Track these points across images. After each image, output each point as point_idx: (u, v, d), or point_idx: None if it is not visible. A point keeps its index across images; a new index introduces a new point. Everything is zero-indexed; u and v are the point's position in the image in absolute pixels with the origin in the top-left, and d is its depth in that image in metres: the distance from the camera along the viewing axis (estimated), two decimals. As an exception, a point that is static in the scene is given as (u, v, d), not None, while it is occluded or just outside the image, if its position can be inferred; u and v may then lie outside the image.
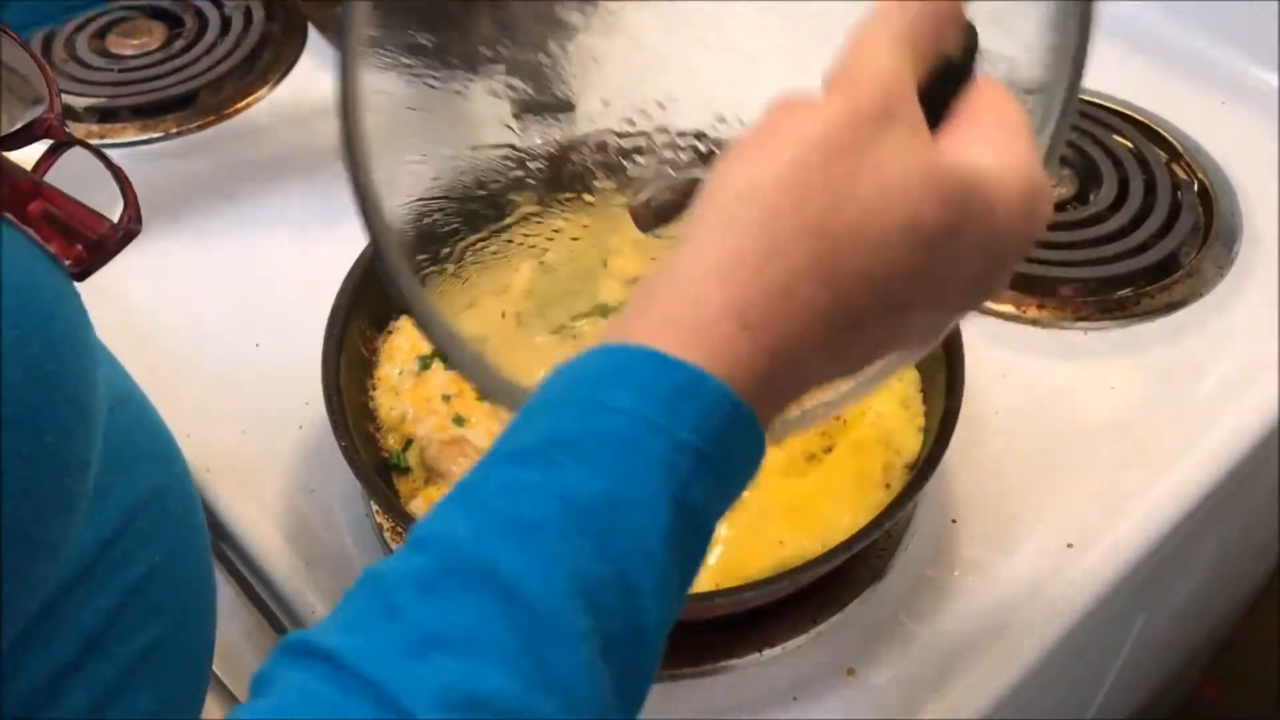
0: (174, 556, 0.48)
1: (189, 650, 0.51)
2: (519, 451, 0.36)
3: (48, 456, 0.39)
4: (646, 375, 0.36)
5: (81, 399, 0.41)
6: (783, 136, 0.38)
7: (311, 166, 0.90)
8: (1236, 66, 0.94)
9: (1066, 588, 0.65)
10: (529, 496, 0.35)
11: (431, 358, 0.70)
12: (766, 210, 0.37)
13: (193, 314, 0.79)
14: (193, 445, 0.70)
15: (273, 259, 0.83)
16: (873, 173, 0.37)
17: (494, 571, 0.33)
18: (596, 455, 0.35)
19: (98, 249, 0.45)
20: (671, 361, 0.36)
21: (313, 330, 0.67)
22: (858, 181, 0.37)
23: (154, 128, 0.93)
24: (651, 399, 0.35)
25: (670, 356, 0.36)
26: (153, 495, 0.48)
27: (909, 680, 0.61)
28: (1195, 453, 0.71)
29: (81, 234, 0.45)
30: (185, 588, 0.50)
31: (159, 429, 0.52)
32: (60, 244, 0.44)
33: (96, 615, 0.45)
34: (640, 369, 0.36)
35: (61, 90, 0.93)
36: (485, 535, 0.34)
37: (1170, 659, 1.13)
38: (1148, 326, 0.78)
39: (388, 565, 0.35)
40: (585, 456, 0.35)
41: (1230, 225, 0.84)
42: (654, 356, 0.36)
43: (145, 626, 0.47)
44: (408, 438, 0.67)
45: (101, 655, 0.45)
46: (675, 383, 0.35)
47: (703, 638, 0.62)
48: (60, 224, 0.44)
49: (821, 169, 0.37)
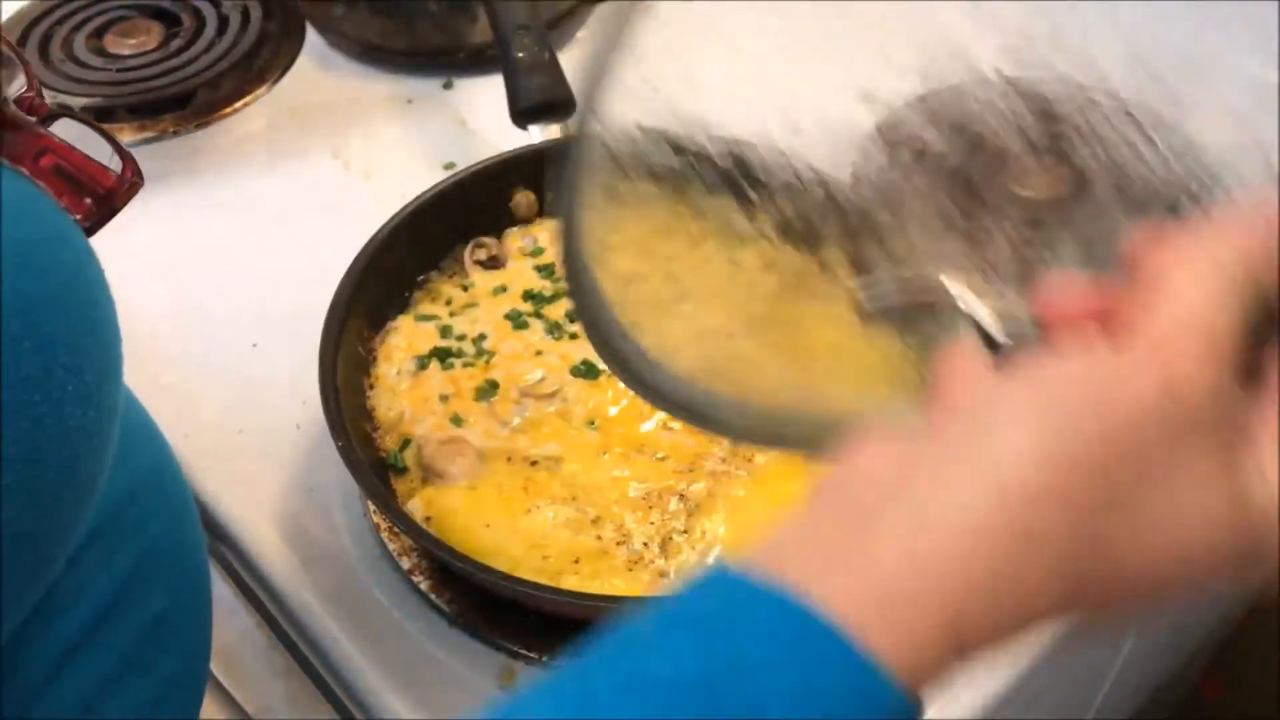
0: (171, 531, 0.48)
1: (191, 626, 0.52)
2: (652, 678, 0.31)
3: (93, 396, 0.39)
4: (821, 661, 0.30)
5: (112, 344, 0.41)
6: (1072, 410, 0.31)
7: (309, 166, 0.89)
8: (1237, 64, 0.94)
9: (1065, 587, 0.65)
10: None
11: (429, 358, 0.70)
12: (1026, 522, 0.30)
13: (189, 313, 0.79)
14: (190, 445, 0.70)
15: (270, 259, 0.83)
16: (1166, 498, 0.31)
17: None
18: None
19: (105, 202, 0.45)
20: (854, 657, 0.30)
21: (310, 330, 0.67)
22: (1147, 505, 0.31)
23: (151, 127, 0.93)
24: (815, 691, 0.30)
25: (853, 649, 0.30)
26: (151, 469, 0.49)
27: (908, 680, 0.61)
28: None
29: (90, 187, 0.45)
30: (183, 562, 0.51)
31: (143, 409, 0.53)
32: (70, 198, 0.44)
33: (111, 584, 0.45)
34: (816, 649, 0.30)
35: (59, 90, 0.94)
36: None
37: (1170, 659, 1.13)
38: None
39: None
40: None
41: (1229, 224, 0.83)
42: (836, 642, 0.30)
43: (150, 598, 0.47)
44: (405, 437, 0.67)
45: (112, 626, 0.45)
46: (850, 681, 0.30)
47: (701, 637, 0.62)
48: (70, 177, 0.44)
49: (1108, 476, 0.31)
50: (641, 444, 0.66)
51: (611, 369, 0.46)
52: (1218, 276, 0.32)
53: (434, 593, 0.64)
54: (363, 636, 0.64)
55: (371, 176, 0.88)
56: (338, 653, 0.64)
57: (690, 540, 0.62)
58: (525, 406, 0.67)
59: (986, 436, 0.32)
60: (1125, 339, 0.33)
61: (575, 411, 0.67)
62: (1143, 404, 0.31)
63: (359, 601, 0.65)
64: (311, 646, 0.66)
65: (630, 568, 0.61)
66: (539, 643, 0.62)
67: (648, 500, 0.63)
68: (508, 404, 0.68)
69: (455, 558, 0.59)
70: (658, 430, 0.66)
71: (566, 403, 0.68)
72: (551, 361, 0.69)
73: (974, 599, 0.30)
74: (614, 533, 0.62)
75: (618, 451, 0.65)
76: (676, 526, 0.62)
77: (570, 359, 0.70)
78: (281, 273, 0.81)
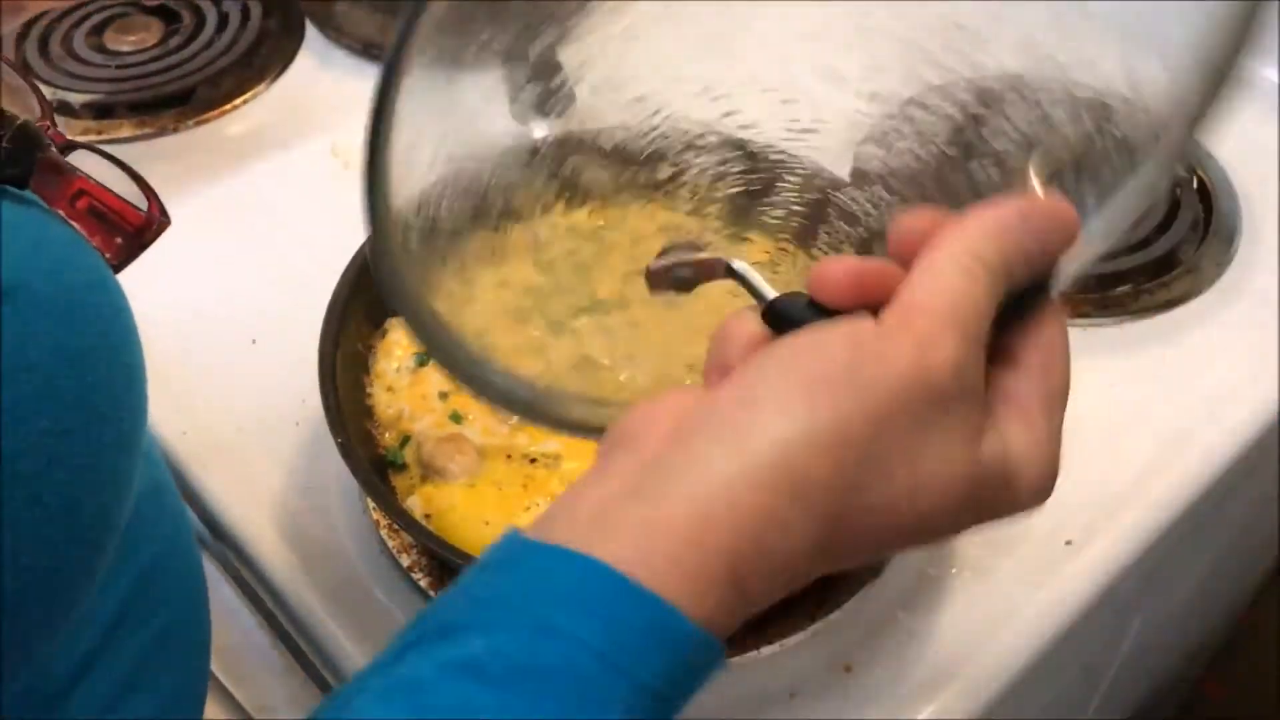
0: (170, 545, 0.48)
1: (193, 638, 0.52)
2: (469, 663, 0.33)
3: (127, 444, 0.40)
4: (622, 610, 0.33)
5: (144, 389, 0.42)
6: (837, 394, 0.35)
7: (308, 163, 0.89)
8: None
9: (1065, 585, 0.65)
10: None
11: (429, 355, 0.70)
12: (792, 484, 0.34)
13: (188, 311, 0.79)
14: (189, 442, 0.71)
15: (269, 256, 0.82)
16: (912, 462, 0.35)
17: None
18: (556, 688, 0.33)
19: (134, 240, 0.46)
20: (650, 599, 0.33)
21: (310, 327, 0.67)
22: (895, 469, 0.35)
23: (151, 124, 0.93)
24: (621, 638, 0.33)
25: (651, 593, 0.33)
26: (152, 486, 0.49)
27: (907, 678, 0.61)
28: (1194, 449, 0.71)
29: (121, 226, 0.45)
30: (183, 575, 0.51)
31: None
32: (103, 238, 0.45)
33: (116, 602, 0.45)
34: (616, 602, 0.33)
35: (58, 87, 0.94)
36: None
37: (1169, 658, 1.13)
38: (1146, 323, 0.78)
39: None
40: (544, 687, 0.33)
41: (1229, 222, 0.83)
42: (634, 592, 0.33)
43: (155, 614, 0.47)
44: (404, 434, 0.67)
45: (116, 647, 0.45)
46: (649, 622, 0.33)
47: (700, 635, 0.62)
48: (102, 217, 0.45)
49: (862, 448, 0.35)
50: (641, 441, 0.66)
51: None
52: (973, 265, 0.36)
53: (433, 590, 0.64)
54: (362, 634, 0.64)
55: (371, 174, 0.88)
56: (337, 650, 0.64)
57: (689, 538, 0.62)
58: (525, 404, 0.67)
59: (755, 411, 0.35)
60: (886, 317, 0.36)
61: (575, 409, 0.67)
62: (897, 381, 0.35)
63: (358, 599, 0.65)
64: (311, 644, 0.66)
65: (629, 565, 0.61)
66: (538, 640, 0.62)
67: (647, 498, 0.63)
68: (507, 401, 0.68)
69: (455, 555, 0.59)
70: (657, 428, 0.66)
71: (566, 400, 0.68)
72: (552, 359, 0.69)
73: (748, 546, 0.34)
74: (613, 530, 0.62)
75: (617, 449, 0.65)
76: (676, 524, 0.62)
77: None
78: (281, 269, 0.81)
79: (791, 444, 0.35)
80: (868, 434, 0.35)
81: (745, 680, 0.62)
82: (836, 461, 0.35)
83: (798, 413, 0.35)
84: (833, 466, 0.35)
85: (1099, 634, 0.75)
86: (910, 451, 0.35)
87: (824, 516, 0.35)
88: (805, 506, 0.35)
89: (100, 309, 0.39)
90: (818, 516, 0.35)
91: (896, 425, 0.35)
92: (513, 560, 0.35)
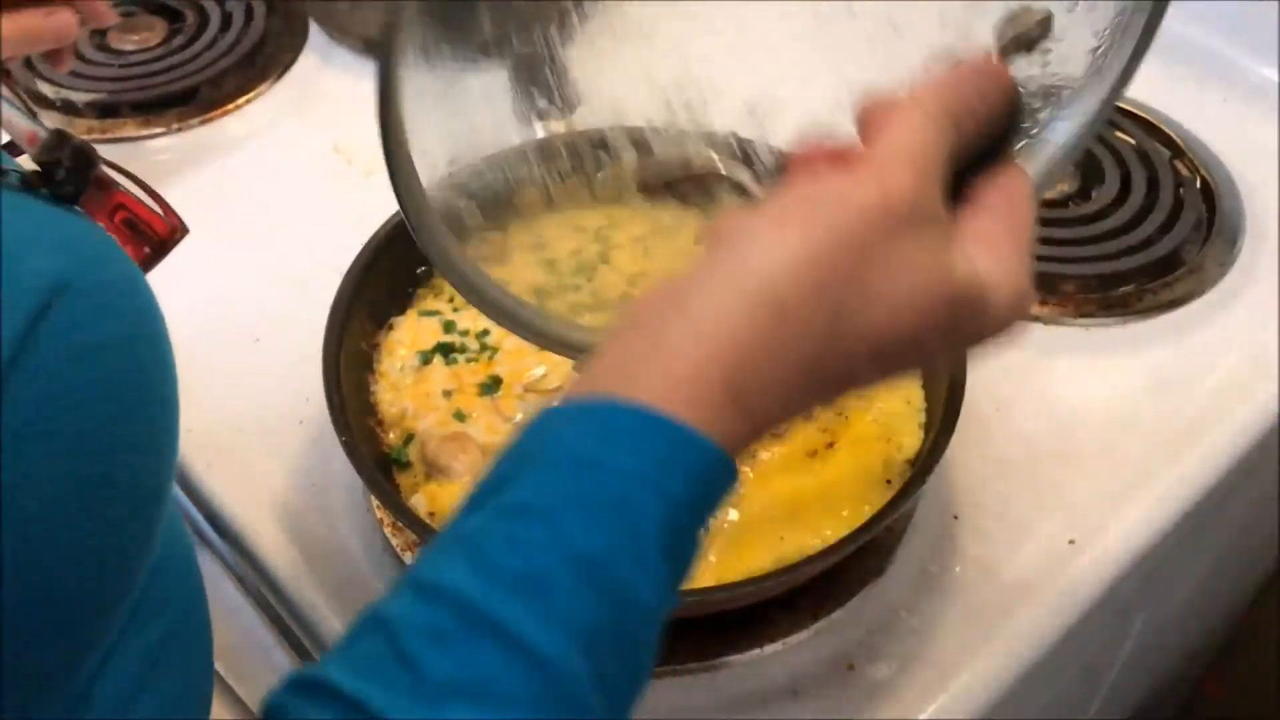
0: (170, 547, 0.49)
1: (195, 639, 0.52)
2: (519, 506, 0.37)
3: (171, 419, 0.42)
4: (648, 437, 0.37)
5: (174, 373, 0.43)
6: (807, 221, 0.39)
7: (311, 162, 0.89)
8: (1239, 63, 0.94)
9: (1068, 584, 0.65)
10: (536, 554, 0.36)
11: (432, 353, 0.70)
12: (777, 307, 0.38)
13: (192, 310, 0.79)
14: (193, 441, 0.70)
15: (273, 254, 0.83)
16: (888, 280, 0.39)
17: (505, 627, 0.35)
18: (599, 514, 0.37)
19: (159, 249, 0.49)
20: (670, 425, 0.37)
21: (313, 325, 0.67)
22: (871, 286, 0.39)
23: (155, 123, 0.93)
24: (650, 459, 0.37)
25: (669, 419, 0.37)
26: None
27: (909, 676, 0.61)
28: (1197, 449, 0.71)
29: (149, 235, 0.49)
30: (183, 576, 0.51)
31: None
32: (134, 247, 0.48)
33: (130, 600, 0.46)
34: (642, 431, 0.38)
35: (62, 86, 0.94)
36: (494, 591, 0.36)
37: (1170, 658, 1.13)
38: (1150, 323, 0.78)
39: (394, 609, 0.36)
40: (588, 514, 0.37)
41: (1233, 222, 0.84)
42: (655, 420, 0.37)
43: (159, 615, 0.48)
44: (408, 433, 0.67)
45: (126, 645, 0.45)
46: (673, 442, 0.38)
47: (704, 633, 0.62)
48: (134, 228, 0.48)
49: (838, 270, 0.38)
50: (644, 440, 0.66)
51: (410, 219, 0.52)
52: (924, 120, 0.41)
53: (437, 588, 0.64)
54: (365, 632, 0.64)
55: (374, 173, 0.88)
56: (340, 648, 0.64)
57: (693, 536, 0.62)
58: (528, 402, 0.68)
59: (736, 252, 0.39)
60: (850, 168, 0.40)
61: (578, 408, 0.67)
62: (865, 211, 0.39)
63: (362, 597, 0.65)
64: (315, 642, 0.66)
65: (633, 564, 0.61)
66: (542, 638, 0.62)
67: (650, 496, 0.63)
68: (511, 399, 0.68)
69: (458, 553, 0.59)
70: (660, 426, 0.66)
71: (569, 399, 0.68)
72: (555, 357, 0.69)
73: (747, 372, 0.38)
74: (617, 529, 0.62)
75: (621, 448, 0.65)
76: (679, 523, 0.62)
77: (573, 355, 0.70)
78: (284, 268, 0.81)
79: (772, 271, 0.38)
80: (841, 256, 0.38)
81: (748, 679, 0.62)
82: (816, 284, 0.38)
83: (772, 243, 0.39)
84: (813, 288, 0.38)
85: (1100, 633, 0.75)
86: (887, 270, 0.39)
87: (813, 336, 0.39)
88: (794, 328, 0.38)
89: (136, 303, 0.41)
90: (807, 336, 0.39)
91: (868, 246, 0.39)
92: (548, 419, 0.39)
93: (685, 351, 0.38)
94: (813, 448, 0.66)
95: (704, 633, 0.62)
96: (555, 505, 0.37)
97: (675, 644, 0.61)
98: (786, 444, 0.66)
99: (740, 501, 0.63)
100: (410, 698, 0.34)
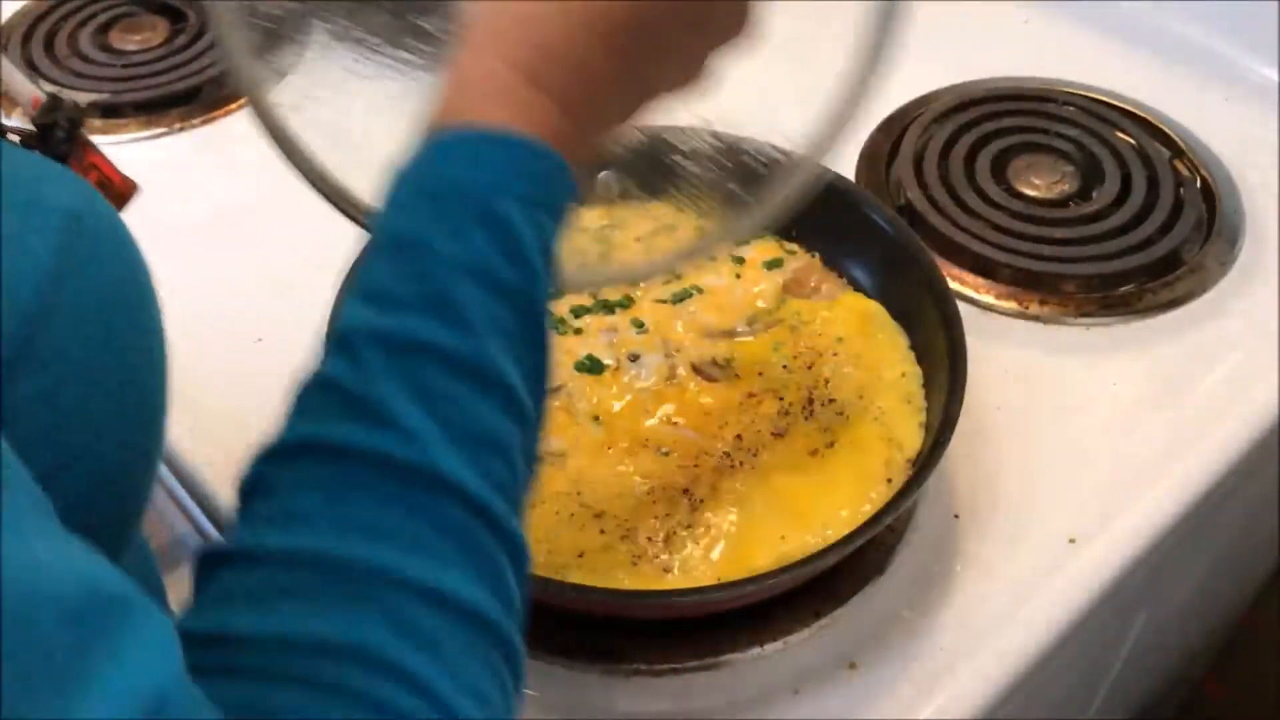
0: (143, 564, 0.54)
1: None
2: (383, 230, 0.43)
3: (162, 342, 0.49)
4: (474, 148, 0.42)
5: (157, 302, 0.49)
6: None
7: (314, 162, 0.89)
8: (1238, 62, 0.94)
9: (1068, 583, 0.65)
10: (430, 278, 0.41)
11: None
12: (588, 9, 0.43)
13: (193, 309, 0.79)
14: (193, 441, 0.71)
15: (274, 254, 0.83)
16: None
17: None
18: (467, 224, 0.41)
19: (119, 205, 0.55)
20: (472, 135, 0.42)
21: (315, 325, 0.67)
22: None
23: (157, 123, 0.93)
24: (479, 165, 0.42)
25: (497, 134, 0.42)
26: None
27: (910, 675, 0.62)
28: (1197, 449, 0.71)
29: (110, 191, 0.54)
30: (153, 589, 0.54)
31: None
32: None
33: None
34: (464, 145, 0.42)
35: (65, 86, 0.94)
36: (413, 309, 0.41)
37: (1170, 658, 1.13)
38: (1150, 323, 0.78)
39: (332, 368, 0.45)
40: (458, 226, 0.41)
41: (1233, 222, 0.84)
42: (478, 136, 0.42)
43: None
44: (410, 432, 0.67)
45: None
46: (493, 144, 0.42)
47: (705, 632, 0.62)
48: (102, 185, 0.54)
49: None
50: (645, 439, 0.66)
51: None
52: None
53: (438, 587, 0.64)
54: (367, 630, 0.64)
55: (376, 173, 0.89)
56: (342, 647, 0.64)
57: (694, 535, 0.62)
58: (530, 402, 0.68)
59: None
60: None
61: (579, 407, 0.67)
62: None
63: (363, 596, 0.65)
64: (316, 640, 0.66)
65: (634, 562, 0.61)
66: (541, 637, 0.62)
67: (651, 495, 0.63)
68: (512, 399, 0.68)
69: (460, 552, 0.59)
70: (661, 426, 0.67)
71: (570, 398, 0.68)
72: (555, 356, 0.69)
73: (532, 50, 0.43)
74: (618, 528, 0.62)
75: (622, 446, 0.66)
76: (680, 521, 0.62)
77: (574, 354, 0.70)
78: (286, 268, 0.81)
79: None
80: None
81: (749, 677, 0.62)
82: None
83: None
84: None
85: (1101, 633, 0.75)
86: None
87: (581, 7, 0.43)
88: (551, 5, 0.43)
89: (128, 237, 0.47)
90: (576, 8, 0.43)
91: None
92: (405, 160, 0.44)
93: (479, 63, 0.43)
94: (813, 447, 0.66)
95: (705, 632, 0.62)
96: (408, 206, 0.42)
97: (676, 643, 0.62)
98: (787, 443, 0.66)
99: (741, 501, 0.63)
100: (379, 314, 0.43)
